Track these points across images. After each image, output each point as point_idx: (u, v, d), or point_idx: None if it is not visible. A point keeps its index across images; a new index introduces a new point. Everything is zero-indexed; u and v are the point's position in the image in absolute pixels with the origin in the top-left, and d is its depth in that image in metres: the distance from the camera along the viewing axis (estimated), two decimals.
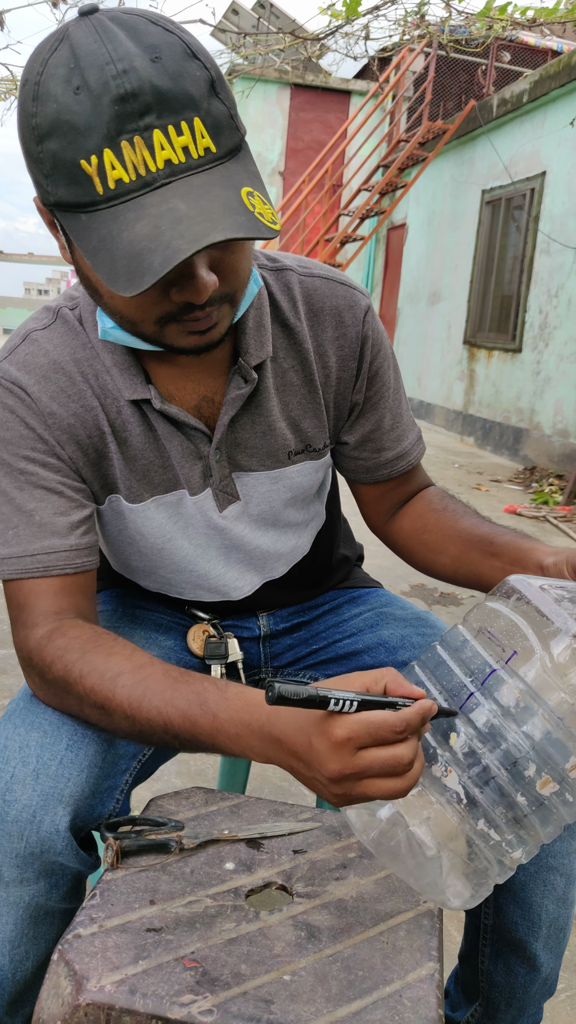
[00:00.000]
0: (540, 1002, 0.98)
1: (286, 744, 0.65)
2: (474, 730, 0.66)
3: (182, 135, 0.65)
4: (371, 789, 0.61)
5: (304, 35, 5.59)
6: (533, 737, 0.64)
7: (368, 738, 0.60)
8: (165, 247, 0.63)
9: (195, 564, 0.97)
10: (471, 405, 7.76)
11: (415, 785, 0.62)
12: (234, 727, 0.69)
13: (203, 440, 0.88)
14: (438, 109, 8.96)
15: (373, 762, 0.60)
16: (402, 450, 1.01)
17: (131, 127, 0.63)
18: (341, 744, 0.60)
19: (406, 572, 3.40)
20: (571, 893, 0.90)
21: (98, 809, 0.80)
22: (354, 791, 0.61)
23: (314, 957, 0.65)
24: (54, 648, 0.78)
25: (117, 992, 0.60)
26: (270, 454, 0.92)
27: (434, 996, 0.62)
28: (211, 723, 0.70)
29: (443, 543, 0.98)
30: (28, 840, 0.73)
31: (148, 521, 0.91)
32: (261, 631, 1.09)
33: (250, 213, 0.66)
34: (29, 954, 0.78)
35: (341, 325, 0.92)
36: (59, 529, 0.82)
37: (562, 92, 6.19)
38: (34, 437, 0.82)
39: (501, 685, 0.66)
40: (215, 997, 0.60)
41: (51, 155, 0.66)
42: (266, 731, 0.67)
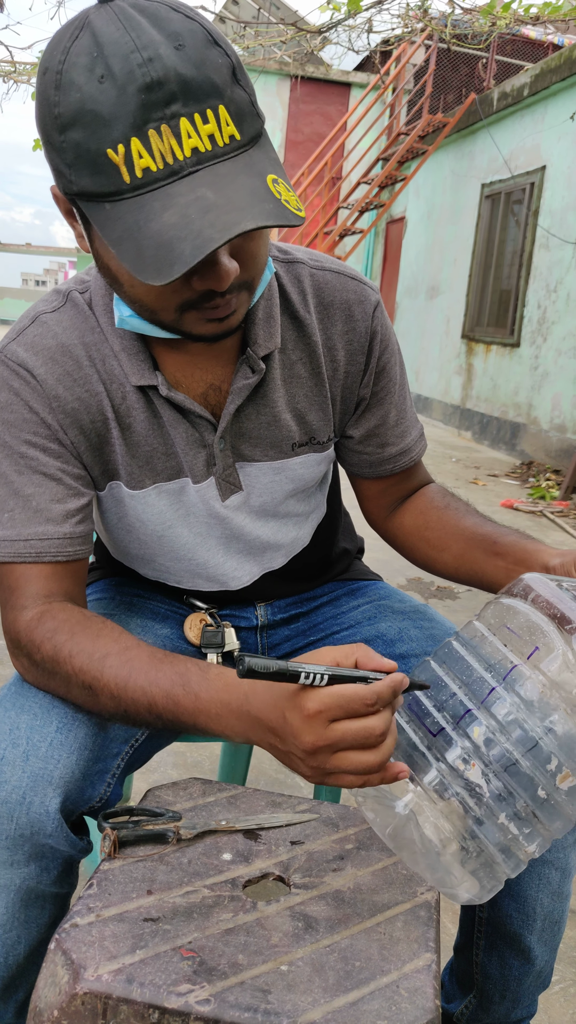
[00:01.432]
0: (534, 994, 0.98)
1: (263, 721, 0.67)
2: (496, 723, 0.66)
3: (208, 123, 0.65)
4: (344, 762, 0.62)
5: (306, 27, 5.56)
6: (556, 731, 0.64)
7: (339, 710, 0.61)
8: (196, 236, 0.63)
9: (194, 553, 0.97)
10: (469, 399, 7.76)
11: (387, 758, 0.63)
12: (215, 707, 0.71)
13: (208, 428, 0.88)
14: (438, 102, 8.93)
15: (345, 734, 0.61)
16: (405, 446, 1.01)
17: (158, 116, 0.63)
18: (313, 716, 0.61)
19: (403, 566, 3.40)
20: (566, 887, 0.90)
21: (88, 792, 0.80)
22: (328, 764, 0.63)
23: (311, 948, 0.65)
24: (43, 629, 0.79)
25: (114, 981, 0.60)
26: (274, 445, 0.92)
27: (431, 987, 0.62)
28: (193, 703, 0.72)
29: (445, 540, 0.99)
30: (18, 821, 0.73)
31: (148, 508, 0.91)
32: (259, 621, 1.09)
33: (277, 200, 0.66)
34: (21, 938, 0.78)
35: (351, 319, 0.93)
36: (54, 516, 0.83)
37: (563, 86, 6.17)
38: (37, 421, 0.82)
39: (524, 680, 0.66)
40: (212, 987, 0.60)
41: (74, 144, 0.65)
42: (244, 710, 0.69)
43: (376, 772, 0.63)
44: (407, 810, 0.66)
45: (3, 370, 0.82)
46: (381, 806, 0.68)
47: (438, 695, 0.71)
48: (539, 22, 4.99)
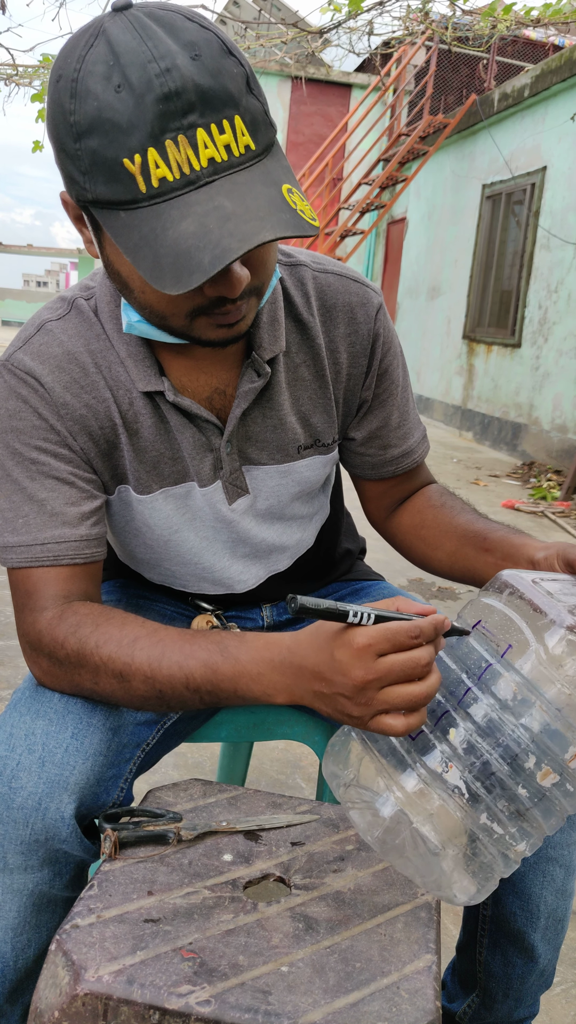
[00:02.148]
0: (537, 993, 0.98)
1: (308, 668, 0.68)
2: (473, 724, 0.66)
3: (224, 133, 0.65)
4: (392, 696, 0.64)
5: (307, 29, 5.57)
6: (532, 729, 0.64)
7: (387, 643, 0.63)
8: (215, 246, 0.63)
9: (200, 557, 0.97)
10: (470, 400, 7.76)
11: (433, 692, 0.65)
12: (256, 666, 0.72)
13: (215, 432, 0.88)
14: (439, 103, 8.94)
15: (393, 665, 0.63)
16: (408, 448, 1.02)
17: (175, 126, 0.64)
18: (363, 650, 0.63)
19: (404, 566, 3.40)
20: (570, 884, 0.90)
21: (103, 797, 0.80)
22: (376, 699, 0.64)
23: (312, 949, 0.65)
24: (66, 625, 0.79)
25: (115, 982, 0.60)
26: (280, 448, 0.92)
27: (431, 988, 0.62)
28: (232, 667, 0.73)
29: (440, 539, 0.99)
30: (33, 827, 0.73)
31: (156, 512, 0.91)
32: (264, 622, 1.09)
33: (293, 211, 0.67)
34: (31, 942, 0.78)
35: (353, 322, 0.93)
36: (70, 519, 0.83)
37: (563, 87, 6.17)
38: (46, 427, 0.82)
39: (498, 679, 0.66)
40: (213, 988, 0.60)
41: (90, 152, 0.65)
42: (288, 662, 0.70)
43: (422, 705, 0.64)
44: (392, 812, 0.66)
45: (11, 379, 0.83)
46: (367, 810, 0.68)
47: None
48: (540, 24, 4.99)
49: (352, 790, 0.69)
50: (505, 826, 0.65)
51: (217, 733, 1.08)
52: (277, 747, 2.00)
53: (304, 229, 0.66)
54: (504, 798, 0.64)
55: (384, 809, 0.66)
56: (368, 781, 0.68)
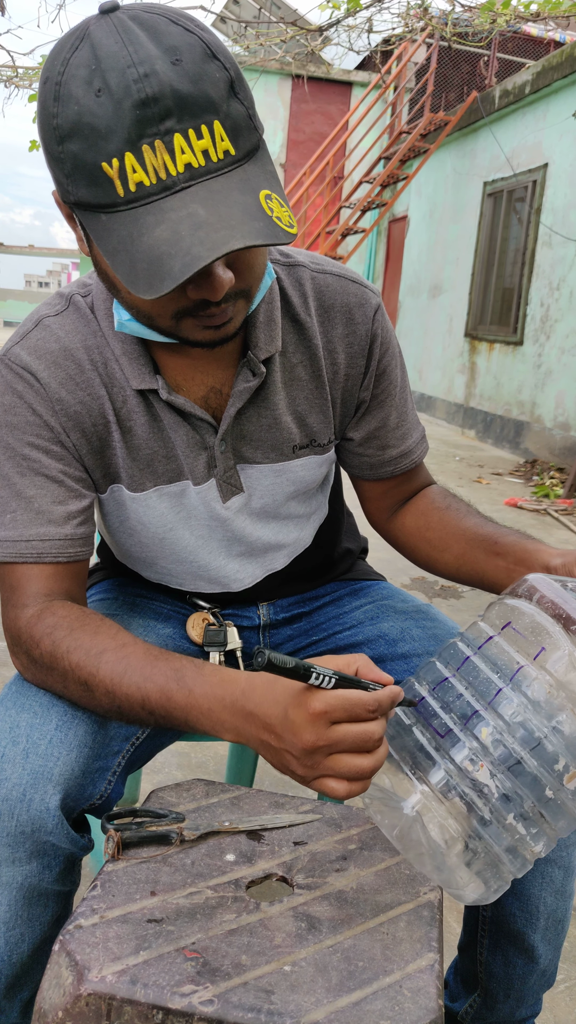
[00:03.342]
0: (539, 993, 0.98)
1: (259, 717, 0.67)
2: (504, 724, 0.66)
3: (202, 139, 0.65)
4: (339, 764, 0.63)
5: (307, 27, 5.56)
6: (563, 731, 0.64)
7: (343, 713, 0.62)
8: (185, 253, 0.64)
9: (196, 555, 0.97)
10: (472, 398, 7.75)
11: (379, 766, 0.64)
12: (207, 702, 0.71)
13: (209, 431, 0.88)
14: (440, 100, 8.92)
15: (345, 736, 0.62)
16: (406, 448, 1.02)
17: (152, 131, 0.64)
18: (317, 716, 0.62)
19: (407, 565, 3.39)
20: (569, 885, 0.90)
21: (89, 790, 0.81)
22: (322, 764, 0.64)
23: (314, 948, 0.65)
24: (43, 626, 0.80)
25: (118, 982, 0.60)
26: (275, 447, 0.93)
27: (434, 987, 0.63)
28: (186, 698, 0.72)
29: (446, 541, 0.99)
30: (19, 818, 0.74)
31: (149, 511, 0.92)
32: (261, 620, 1.09)
33: (268, 218, 0.67)
34: (24, 936, 0.79)
35: (351, 322, 0.93)
36: (56, 518, 0.84)
37: (565, 83, 6.16)
38: (40, 424, 0.83)
39: (531, 681, 0.66)
40: (216, 987, 0.60)
41: (72, 156, 0.66)
42: (239, 705, 0.69)
43: (367, 778, 0.64)
44: (414, 811, 0.66)
45: (7, 373, 0.83)
46: (388, 807, 0.68)
47: (444, 696, 0.71)
48: (540, 19, 4.98)
49: (373, 788, 0.69)
50: (528, 826, 0.65)
51: None
52: None
53: (278, 237, 0.66)
54: (532, 798, 0.65)
55: (404, 806, 0.67)
56: (389, 778, 0.68)
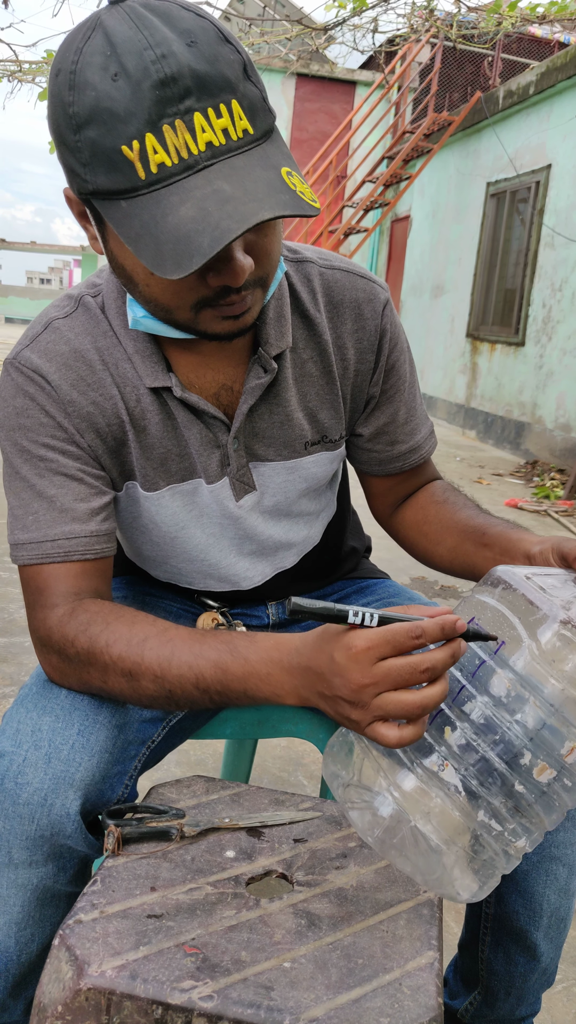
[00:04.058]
0: (539, 992, 0.98)
1: (312, 670, 0.67)
2: (469, 722, 0.66)
3: (221, 117, 0.65)
4: (386, 702, 0.62)
5: (311, 25, 5.56)
6: (527, 725, 0.64)
7: (386, 646, 0.61)
8: (214, 228, 0.63)
9: (207, 554, 0.97)
10: (473, 398, 7.75)
11: (431, 703, 0.62)
12: (265, 667, 0.72)
13: (222, 429, 0.88)
14: (444, 100, 8.92)
15: (390, 670, 0.61)
16: (415, 443, 1.02)
17: (172, 111, 0.64)
18: (361, 653, 0.62)
19: (408, 564, 3.39)
20: (573, 883, 0.90)
21: (108, 794, 0.80)
22: (372, 705, 0.62)
23: (314, 945, 0.65)
24: (76, 623, 0.79)
25: (118, 977, 0.60)
26: (287, 444, 0.92)
27: (433, 985, 0.63)
28: (242, 667, 0.72)
29: (441, 534, 0.99)
30: (39, 823, 0.74)
31: (163, 509, 0.91)
32: (270, 619, 1.09)
33: (292, 192, 0.67)
34: (35, 936, 0.79)
35: (360, 318, 0.93)
36: (80, 515, 0.83)
37: (569, 84, 6.15)
38: (54, 425, 0.83)
39: (491, 675, 0.65)
40: (215, 983, 0.60)
41: (90, 143, 0.66)
42: (294, 663, 0.69)
43: (417, 715, 0.62)
44: (391, 811, 0.66)
45: (18, 376, 0.83)
46: (368, 811, 0.68)
47: None
48: (545, 21, 4.98)
49: (352, 790, 0.69)
50: (505, 823, 0.65)
51: (222, 730, 1.08)
52: (280, 744, 2.00)
53: (304, 208, 0.66)
54: (502, 795, 0.64)
55: (384, 808, 0.66)
56: (368, 781, 0.68)
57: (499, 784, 0.64)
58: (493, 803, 0.64)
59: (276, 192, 0.66)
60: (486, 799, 0.64)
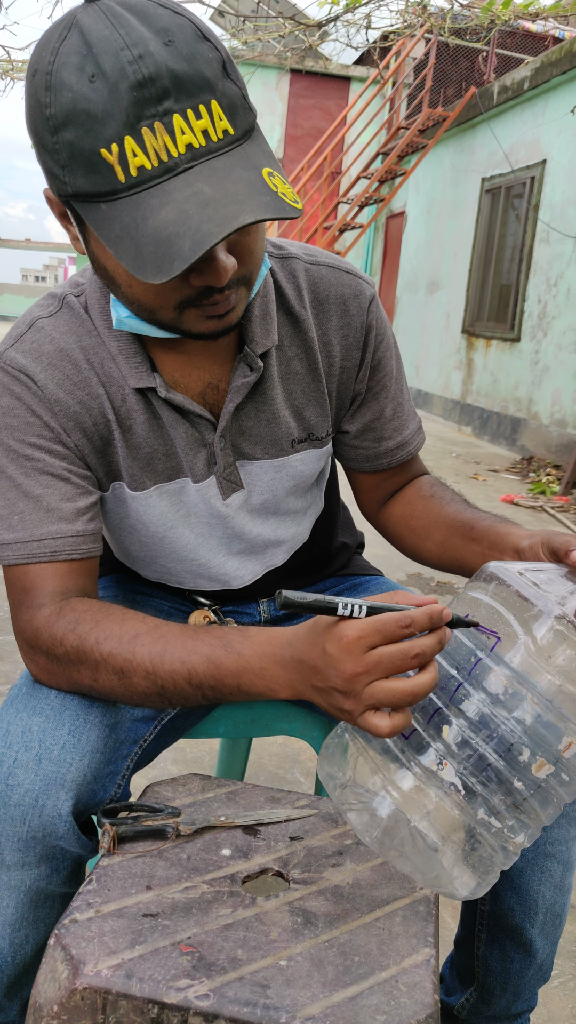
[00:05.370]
0: (535, 987, 0.98)
1: (305, 662, 0.68)
2: (466, 720, 0.66)
3: (201, 118, 0.65)
4: (377, 690, 0.62)
5: (305, 21, 5.54)
6: (524, 721, 0.64)
7: (377, 635, 0.62)
8: (195, 231, 0.63)
9: (196, 553, 0.97)
10: (469, 394, 7.75)
11: (422, 691, 0.63)
12: (259, 661, 0.72)
13: (208, 428, 0.88)
14: (438, 96, 8.90)
15: (381, 658, 0.62)
16: (402, 440, 1.01)
17: (150, 112, 0.63)
18: (352, 643, 0.62)
19: (403, 561, 3.40)
20: (568, 880, 0.91)
21: (100, 794, 0.80)
22: (364, 694, 0.63)
23: (310, 943, 0.65)
24: (65, 622, 0.79)
25: (114, 976, 0.60)
26: (274, 443, 0.92)
27: (430, 981, 0.63)
28: (236, 662, 0.72)
29: (429, 529, 0.99)
30: (31, 824, 0.73)
31: (150, 509, 0.91)
32: (261, 617, 1.09)
33: (274, 193, 0.66)
34: (29, 938, 0.78)
35: (346, 314, 0.93)
36: (66, 515, 0.83)
37: (563, 79, 6.15)
38: (40, 424, 0.82)
39: (488, 673, 0.65)
40: (211, 982, 0.60)
41: (68, 145, 0.65)
42: (287, 656, 0.70)
43: (408, 702, 0.63)
44: (389, 811, 0.66)
45: (3, 376, 0.82)
46: (365, 811, 0.68)
47: None
48: (539, 17, 4.98)
49: (348, 791, 0.69)
50: (503, 819, 0.65)
51: (215, 729, 1.08)
52: (276, 742, 2.00)
53: (285, 211, 0.65)
54: (500, 792, 0.64)
55: (381, 808, 0.66)
56: (364, 781, 0.68)
57: (496, 781, 0.64)
58: (491, 800, 0.64)
59: (257, 194, 0.65)
60: (484, 796, 0.64)
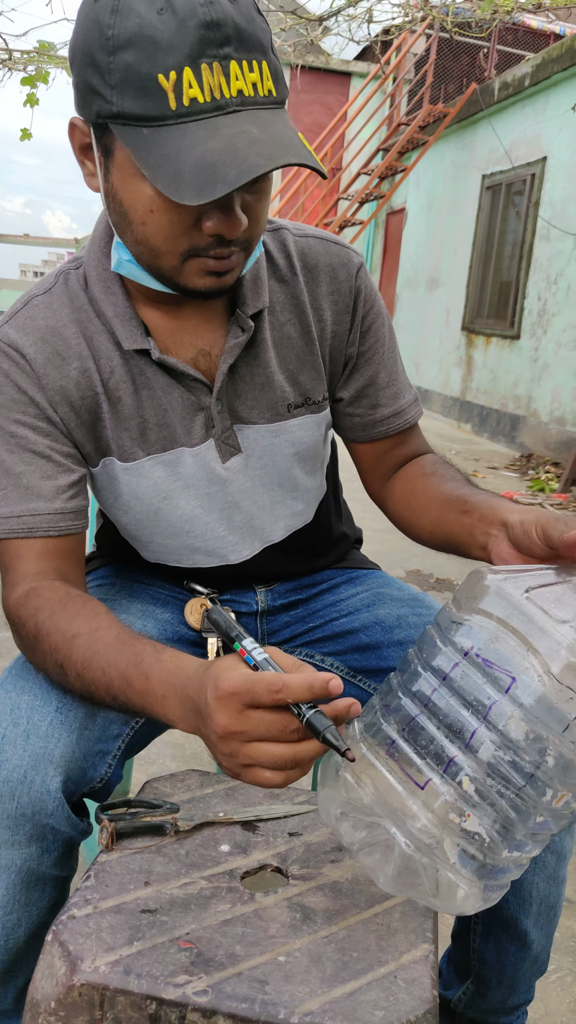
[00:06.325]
0: (531, 980, 0.98)
1: (195, 702, 0.65)
2: (486, 766, 0.62)
3: (253, 72, 0.70)
4: (257, 752, 0.60)
5: (306, 16, 5.53)
6: (547, 763, 0.61)
7: (247, 695, 0.59)
8: (241, 162, 0.66)
9: (192, 524, 0.96)
10: (468, 392, 7.74)
11: (306, 758, 0.60)
12: (162, 688, 0.70)
13: (203, 391, 0.89)
14: (439, 92, 8.88)
15: (260, 723, 0.60)
16: (398, 407, 1.02)
17: (212, 53, 0.67)
18: (225, 698, 0.60)
19: (402, 558, 3.40)
20: (561, 871, 0.91)
21: (90, 773, 0.81)
22: (241, 753, 0.61)
23: (309, 938, 0.65)
24: (29, 607, 0.81)
25: (112, 972, 0.60)
26: (270, 406, 0.93)
27: (428, 977, 0.63)
28: (143, 684, 0.71)
29: (426, 507, 0.97)
30: (19, 800, 0.74)
31: (143, 480, 0.92)
32: (259, 607, 1.09)
33: (309, 152, 0.71)
34: (21, 921, 0.78)
35: (335, 280, 0.95)
36: (45, 493, 0.85)
37: (564, 76, 6.13)
38: (26, 401, 0.85)
39: (506, 718, 0.61)
40: (210, 978, 0.60)
41: (124, 66, 0.68)
42: (185, 692, 0.67)
43: (292, 769, 0.61)
44: (405, 851, 0.62)
45: None
46: (375, 857, 0.65)
47: (417, 740, 0.65)
48: (541, 9, 4.96)
49: (358, 831, 0.66)
50: (521, 847, 0.63)
51: None
52: None
53: (319, 165, 0.72)
54: (522, 830, 0.63)
55: (397, 848, 0.63)
56: (372, 821, 0.65)
57: (521, 822, 0.62)
58: (517, 837, 0.63)
59: (297, 146, 0.70)
60: (511, 837, 0.62)
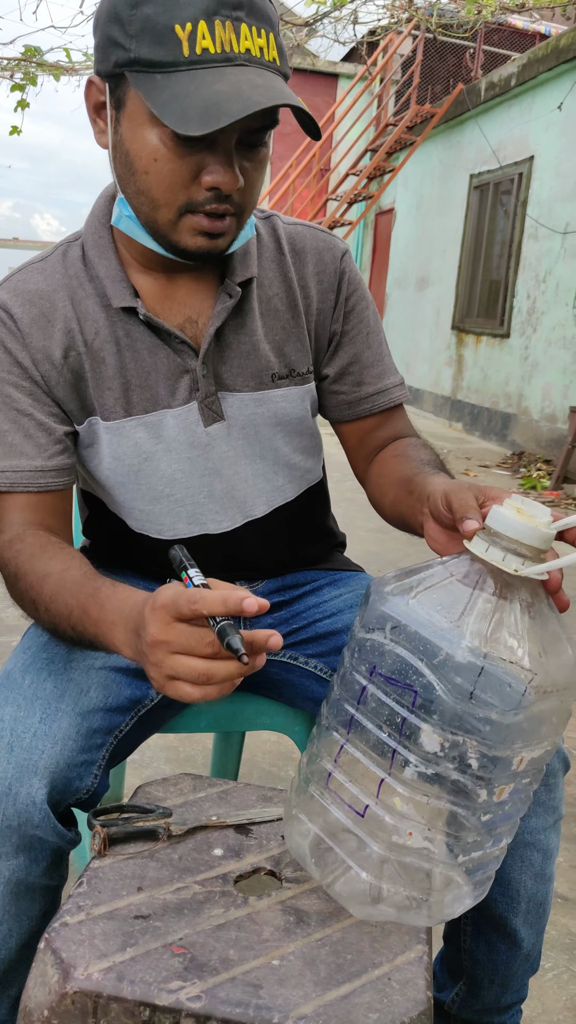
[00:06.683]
0: (524, 978, 0.98)
1: (137, 623, 0.67)
2: (411, 787, 0.62)
3: (261, 38, 0.76)
4: (177, 664, 0.62)
5: (292, 20, 5.53)
6: (472, 766, 0.61)
7: (173, 607, 0.62)
8: (245, 99, 0.72)
9: (173, 487, 0.97)
10: (459, 391, 7.76)
11: (221, 676, 0.61)
12: (112, 615, 0.72)
13: (189, 354, 0.92)
14: (426, 93, 8.90)
15: (180, 633, 0.62)
16: (383, 386, 1.04)
17: (225, 12, 0.74)
18: (158, 609, 0.63)
19: (396, 557, 3.40)
20: (548, 868, 0.91)
21: (76, 783, 0.80)
22: (165, 664, 0.63)
23: (303, 942, 0.65)
24: (12, 551, 0.86)
25: (104, 979, 0.59)
26: (254, 375, 0.95)
27: (423, 978, 0.63)
28: (97, 613, 0.73)
29: (388, 487, 0.97)
30: (5, 812, 0.74)
31: (124, 440, 0.93)
32: None
33: (307, 112, 0.78)
34: (12, 932, 0.78)
35: (321, 262, 1.01)
36: (27, 451, 0.89)
37: (550, 76, 6.15)
38: (11, 361, 0.89)
39: (418, 733, 0.61)
40: (203, 983, 0.60)
41: (144, 17, 0.74)
42: (133, 615, 0.69)
43: (207, 684, 0.62)
44: (376, 878, 0.63)
45: None
46: (366, 903, 0.65)
47: (350, 768, 0.66)
48: (525, 10, 4.98)
49: (327, 868, 0.67)
50: (487, 847, 0.64)
51: (196, 723, 1.08)
52: (269, 739, 2.00)
53: (315, 121, 0.79)
54: (473, 834, 0.63)
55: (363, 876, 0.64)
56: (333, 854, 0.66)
57: (468, 824, 0.62)
58: (469, 840, 0.63)
59: (298, 101, 0.76)
60: (463, 839, 0.63)
